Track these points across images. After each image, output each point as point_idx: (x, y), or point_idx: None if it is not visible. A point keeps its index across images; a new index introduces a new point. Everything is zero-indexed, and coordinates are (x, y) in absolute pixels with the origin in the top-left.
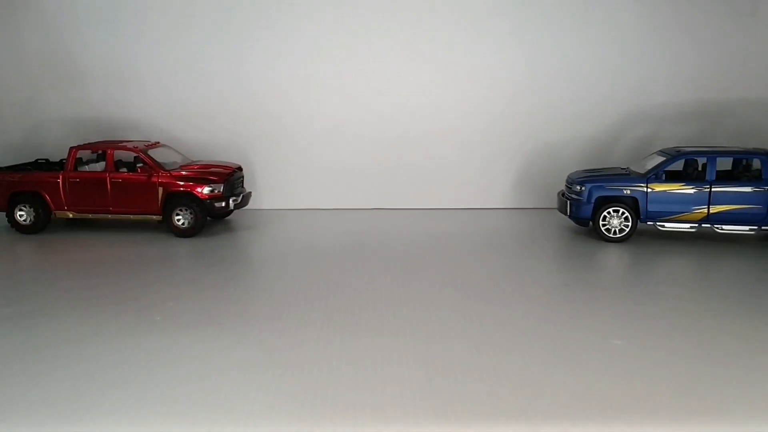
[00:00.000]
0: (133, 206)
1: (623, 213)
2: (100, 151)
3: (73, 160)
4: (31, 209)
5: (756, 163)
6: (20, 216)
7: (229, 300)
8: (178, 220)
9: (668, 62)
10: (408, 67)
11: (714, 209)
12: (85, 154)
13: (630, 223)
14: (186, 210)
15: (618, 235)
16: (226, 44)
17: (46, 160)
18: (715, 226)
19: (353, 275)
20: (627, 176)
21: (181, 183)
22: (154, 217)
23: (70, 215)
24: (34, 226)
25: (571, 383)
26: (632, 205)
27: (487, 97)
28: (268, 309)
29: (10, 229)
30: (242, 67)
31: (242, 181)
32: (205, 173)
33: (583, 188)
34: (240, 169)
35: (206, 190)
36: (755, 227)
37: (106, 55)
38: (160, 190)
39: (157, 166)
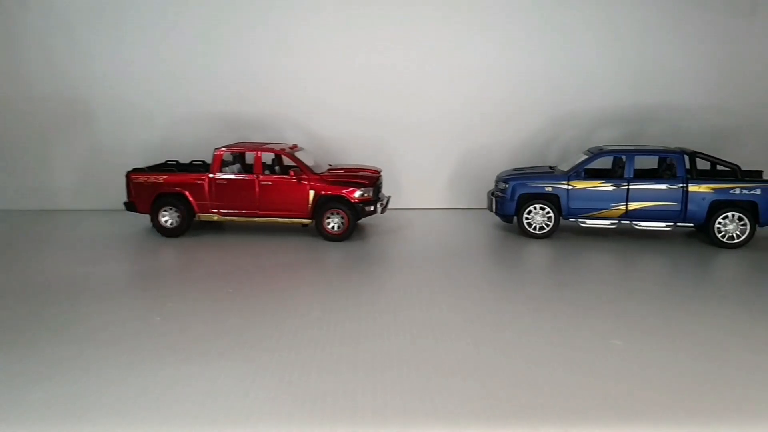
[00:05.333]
0: (283, 209)
1: (546, 210)
2: (239, 153)
3: (219, 161)
4: (174, 212)
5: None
6: (164, 218)
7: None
8: (329, 224)
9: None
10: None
11: (632, 206)
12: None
13: (552, 220)
14: (336, 214)
15: (541, 231)
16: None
17: (176, 161)
18: (634, 222)
19: (353, 277)
20: (550, 174)
21: (333, 186)
22: (304, 220)
23: (215, 218)
24: (178, 228)
25: (571, 383)
26: (554, 201)
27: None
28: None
29: (155, 233)
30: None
31: (382, 185)
32: (354, 177)
33: (507, 186)
34: (380, 173)
35: (357, 193)
36: (671, 224)
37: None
38: (312, 193)
39: (307, 169)
